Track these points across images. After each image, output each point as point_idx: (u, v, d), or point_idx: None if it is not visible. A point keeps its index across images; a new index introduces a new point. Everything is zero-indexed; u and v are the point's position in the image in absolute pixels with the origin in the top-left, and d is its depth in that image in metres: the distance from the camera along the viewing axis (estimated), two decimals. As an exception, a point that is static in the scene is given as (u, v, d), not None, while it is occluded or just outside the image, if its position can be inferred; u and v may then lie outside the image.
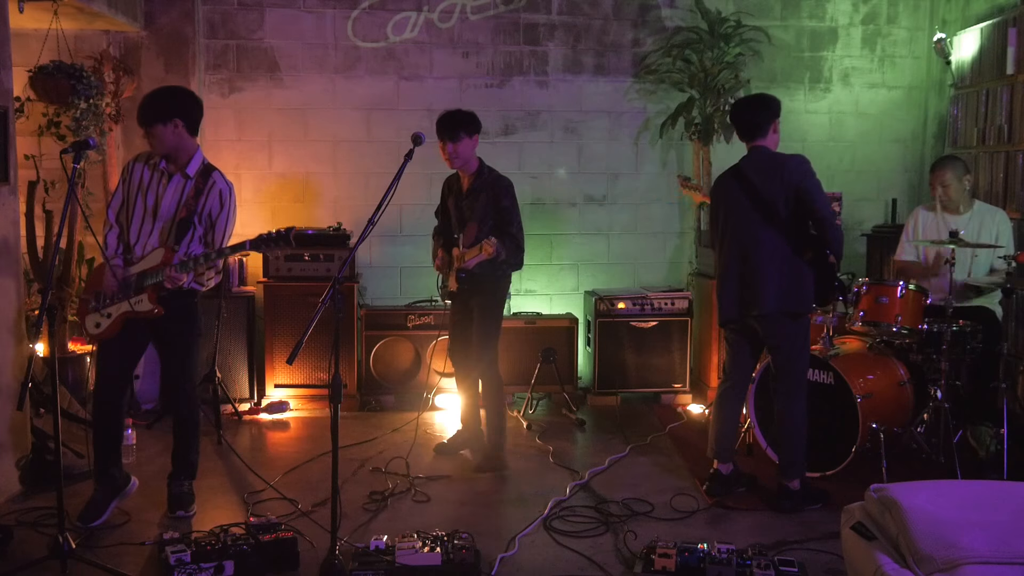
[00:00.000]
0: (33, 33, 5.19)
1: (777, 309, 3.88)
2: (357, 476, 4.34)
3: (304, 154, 5.98)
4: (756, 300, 3.90)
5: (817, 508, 3.94)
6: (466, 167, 4.39)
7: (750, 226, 3.93)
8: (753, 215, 3.92)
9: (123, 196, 3.81)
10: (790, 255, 3.88)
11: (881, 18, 6.27)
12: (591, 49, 6.09)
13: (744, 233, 3.96)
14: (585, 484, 4.27)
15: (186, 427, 3.93)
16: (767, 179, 3.89)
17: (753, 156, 4.00)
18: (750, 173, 3.96)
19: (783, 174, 3.86)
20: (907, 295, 4.42)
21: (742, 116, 4.05)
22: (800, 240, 3.89)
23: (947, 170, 4.72)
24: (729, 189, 4.03)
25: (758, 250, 3.91)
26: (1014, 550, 2.28)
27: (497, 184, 4.38)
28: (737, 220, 3.99)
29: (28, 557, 3.33)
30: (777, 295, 3.87)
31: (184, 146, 3.74)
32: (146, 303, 3.67)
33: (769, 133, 3.98)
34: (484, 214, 4.33)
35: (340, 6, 5.88)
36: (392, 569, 3.16)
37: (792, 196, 3.84)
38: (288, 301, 5.47)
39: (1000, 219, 4.78)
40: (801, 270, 3.89)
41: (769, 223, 3.88)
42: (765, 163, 3.95)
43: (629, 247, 6.29)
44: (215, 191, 3.76)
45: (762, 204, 3.89)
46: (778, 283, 3.87)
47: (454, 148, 4.28)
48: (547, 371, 5.56)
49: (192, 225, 3.73)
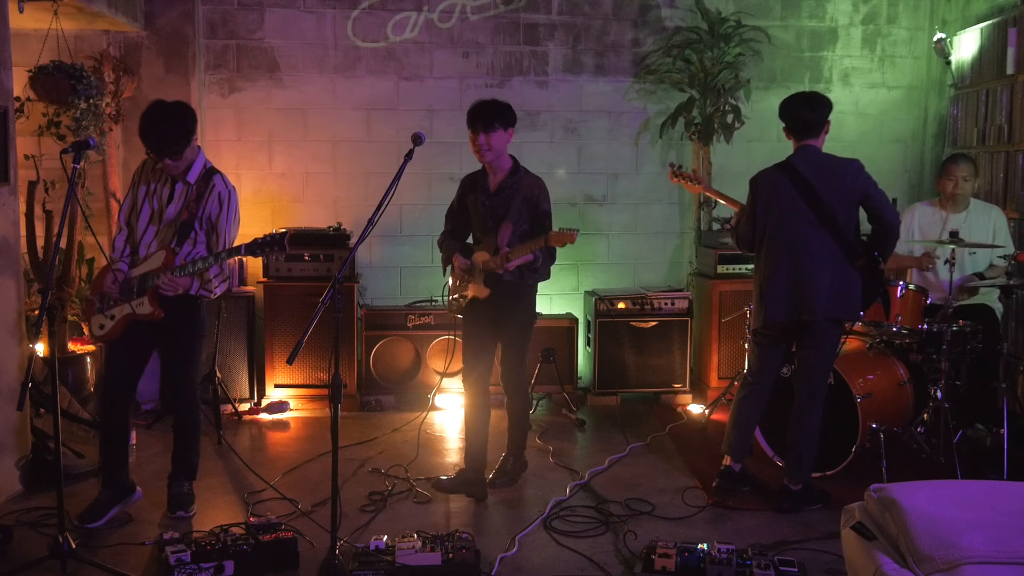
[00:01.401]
0: (33, 33, 5.19)
1: (827, 315, 3.82)
2: (357, 476, 4.34)
3: (304, 154, 5.98)
4: (807, 304, 3.80)
5: (817, 508, 3.93)
6: (498, 162, 4.03)
7: (803, 227, 3.82)
8: (808, 216, 3.81)
9: (132, 200, 3.84)
10: (841, 260, 3.81)
11: (881, 18, 6.28)
12: (591, 49, 6.09)
13: (796, 234, 3.84)
14: (585, 484, 4.27)
15: (186, 428, 3.93)
16: (828, 182, 3.80)
17: (807, 155, 3.89)
18: (807, 173, 3.84)
19: (847, 179, 3.79)
20: (907, 295, 4.42)
21: (801, 113, 3.90)
22: (852, 245, 3.83)
23: (966, 165, 4.70)
24: (780, 187, 3.88)
25: (811, 253, 3.81)
26: (1014, 550, 2.28)
27: (536, 185, 4.05)
28: (789, 220, 3.85)
29: (28, 557, 3.33)
30: (828, 300, 3.80)
31: (191, 155, 3.77)
32: (146, 306, 3.67)
33: (822, 134, 3.92)
34: (520, 215, 4.00)
35: (340, 6, 5.88)
36: (392, 569, 3.16)
37: (855, 202, 3.79)
38: (288, 301, 5.47)
39: (996, 215, 4.79)
40: (852, 276, 3.83)
41: (823, 226, 3.79)
42: (823, 165, 3.86)
43: (629, 247, 6.29)
44: (215, 193, 3.78)
45: (819, 206, 3.79)
46: (829, 288, 3.80)
47: (487, 139, 3.93)
48: (547, 371, 5.56)
49: (193, 227, 3.73)
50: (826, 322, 3.85)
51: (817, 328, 3.86)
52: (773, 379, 4.11)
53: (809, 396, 3.94)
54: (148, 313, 3.68)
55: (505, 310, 4.07)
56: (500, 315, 4.08)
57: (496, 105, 4.00)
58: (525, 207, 4.02)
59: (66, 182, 3.54)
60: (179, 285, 3.65)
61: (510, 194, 4.02)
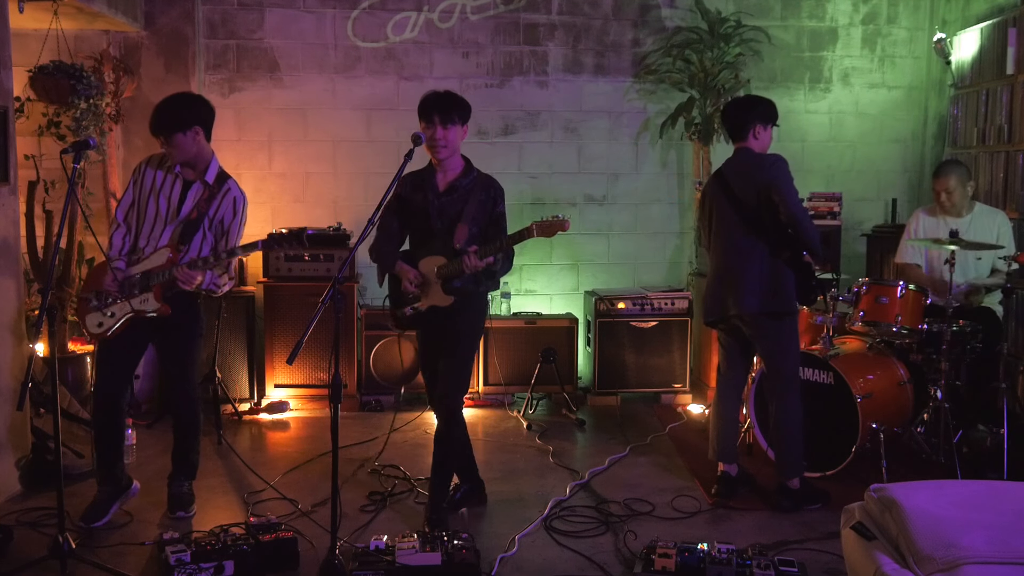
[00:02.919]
0: (33, 33, 5.19)
1: (758, 310, 3.90)
2: (357, 476, 4.34)
3: (304, 154, 5.98)
4: (737, 301, 3.93)
5: (817, 508, 3.93)
6: (451, 160, 3.70)
7: (729, 227, 3.98)
8: (732, 216, 3.96)
9: (133, 197, 3.80)
10: (767, 255, 3.90)
11: (881, 18, 6.27)
12: (591, 49, 6.09)
13: (724, 234, 4.01)
14: (585, 484, 4.27)
15: (186, 427, 3.93)
16: (743, 179, 3.94)
17: (735, 157, 4.05)
18: (729, 174, 4.01)
19: (756, 173, 3.89)
20: (907, 295, 4.42)
21: (727, 116, 4.11)
22: (777, 240, 3.89)
23: (951, 176, 4.71)
24: (713, 191, 4.08)
25: (736, 250, 3.95)
26: (1014, 550, 2.28)
27: (493, 186, 3.77)
28: (719, 221, 4.03)
29: (28, 557, 3.32)
30: (757, 296, 3.89)
31: (203, 153, 3.75)
32: (152, 302, 3.66)
33: (749, 136, 3.98)
34: (475, 217, 3.69)
35: (340, 6, 5.88)
36: (392, 569, 3.16)
37: (764, 195, 3.85)
38: (288, 301, 5.47)
39: (1000, 220, 4.79)
40: (780, 270, 3.90)
41: (746, 223, 3.91)
42: (744, 164, 3.98)
43: (629, 247, 6.29)
44: (229, 197, 3.77)
45: (739, 204, 3.93)
46: (757, 283, 3.89)
47: (444, 134, 3.60)
48: (547, 371, 5.56)
49: (201, 227, 3.72)
50: (762, 317, 3.91)
51: (755, 324, 3.94)
52: (741, 378, 4.21)
53: (778, 394, 3.99)
54: (154, 309, 3.67)
55: (457, 320, 3.70)
56: (450, 325, 3.70)
57: (454, 97, 3.67)
58: (480, 209, 3.70)
59: (66, 182, 3.53)
60: (194, 278, 3.62)
61: (463, 195, 3.70)
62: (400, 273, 3.71)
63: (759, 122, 3.98)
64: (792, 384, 3.99)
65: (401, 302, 3.78)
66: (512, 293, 6.05)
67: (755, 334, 3.99)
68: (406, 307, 3.75)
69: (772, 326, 3.94)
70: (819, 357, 4.34)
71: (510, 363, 5.68)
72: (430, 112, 3.62)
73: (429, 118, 3.63)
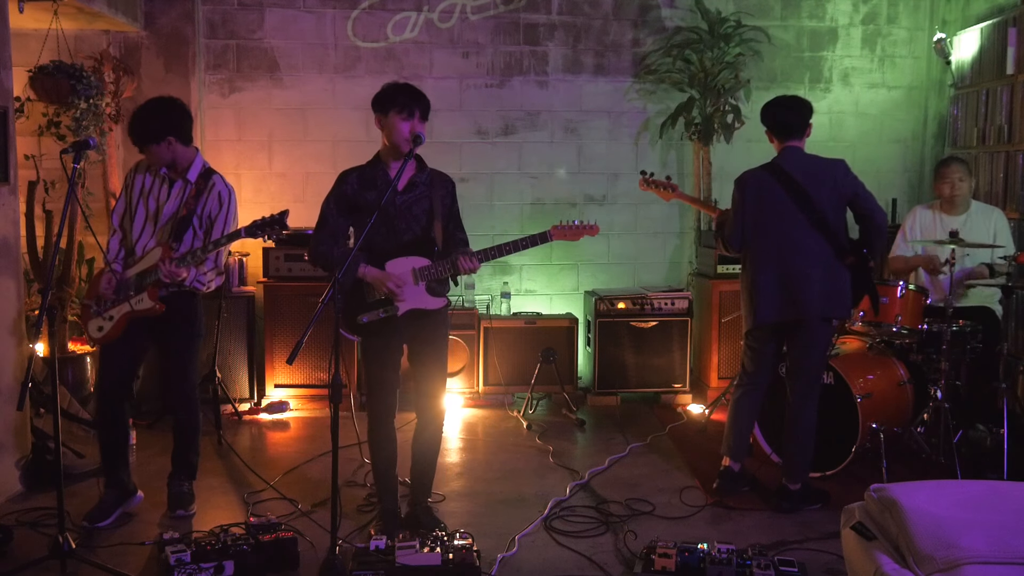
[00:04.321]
0: (33, 33, 5.19)
1: (819, 313, 3.85)
2: (357, 476, 4.34)
3: (304, 154, 5.98)
4: (799, 304, 3.83)
5: (816, 508, 3.93)
6: (410, 156, 3.47)
7: (794, 228, 3.85)
8: (798, 217, 3.84)
9: (126, 203, 3.84)
10: (832, 259, 3.84)
11: (881, 18, 6.27)
12: (591, 49, 6.09)
13: (786, 234, 3.87)
14: (585, 484, 4.27)
15: (186, 427, 3.93)
16: (817, 182, 3.85)
17: (793, 156, 3.94)
18: (795, 174, 3.88)
19: (835, 179, 3.84)
20: (907, 295, 4.42)
21: (784, 116, 3.97)
22: (842, 244, 3.86)
23: (958, 167, 4.72)
24: (768, 188, 3.91)
25: (802, 253, 3.84)
26: (1014, 550, 2.28)
27: (449, 181, 3.63)
28: (777, 219, 3.89)
29: (28, 557, 3.32)
30: (820, 299, 3.83)
31: (180, 157, 3.76)
32: (147, 301, 3.68)
33: (805, 135, 3.98)
34: (443, 213, 3.55)
35: (340, 6, 5.88)
36: (392, 569, 3.16)
37: (844, 202, 3.83)
38: (288, 301, 5.47)
39: (996, 217, 4.79)
40: (842, 274, 3.87)
41: (814, 226, 3.83)
42: (810, 165, 3.91)
43: (629, 247, 6.29)
44: (215, 192, 3.78)
45: (810, 207, 3.83)
46: (821, 287, 3.82)
47: (419, 128, 3.43)
48: (547, 371, 5.56)
49: (191, 224, 3.73)
50: (818, 321, 3.87)
51: (809, 327, 3.88)
52: (768, 379, 4.11)
53: (803, 396, 3.94)
54: (148, 308, 3.68)
55: (439, 322, 3.62)
56: (430, 327, 3.59)
57: (420, 92, 3.50)
58: (442, 205, 3.56)
59: (66, 182, 3.54)
60: (179, 274, 3.63)
61: (425, 190, 3.53)
62: (374, 277, 3.45)
63: (810, 120, 3.99)
64: (816, 388, 3.96)
65: (365, 307, 3.50)
66: (512, 293, 6.05)
67: (801, 338, 3.90)
68: (376, 311, 3.48)
69: (823, 331, 3.90)
70: (819, 357, 4.33)
71: (510, 363, 5.68)
72: (409, 104, 3.43)
73: (408, 110, 3.42)
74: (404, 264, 3.50)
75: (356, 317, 3.51)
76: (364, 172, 3.57)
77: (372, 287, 3.48)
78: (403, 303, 3.49)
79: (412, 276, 3.49)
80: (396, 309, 3.49)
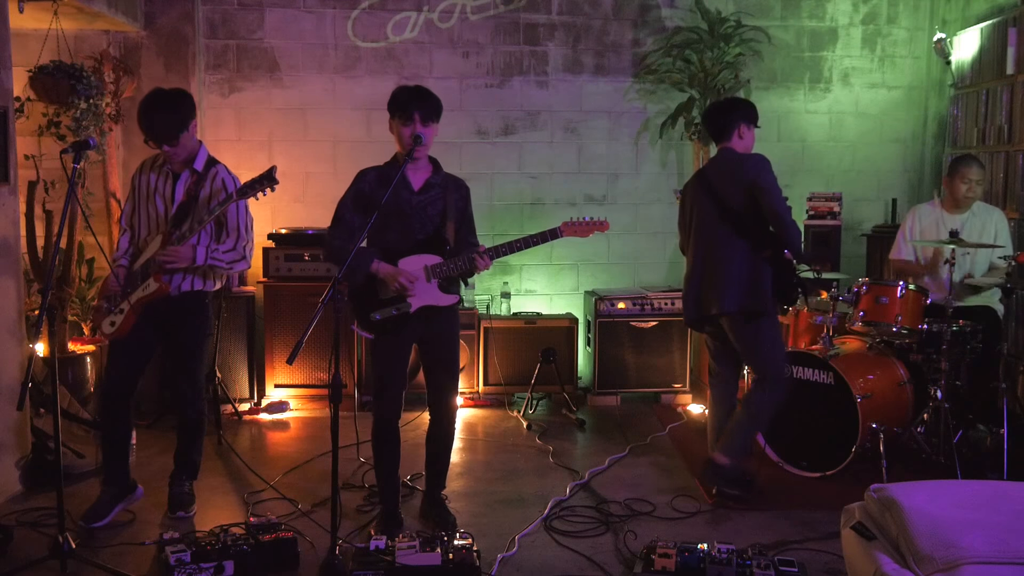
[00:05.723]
0: (33, 33, 5.19)
1: (737, 308, 3.92)
2: (357, 476, 4.34)
3: (304, 154, 5.98)
4: (716, 300, 3.94)
5: (734, 494, 3.97)
6: (422, 159, 3.59)
7: (710, 226, 3.99)
8: (712, 215, 3.98)
9: (133, 204, 3.85)
10: (748, 254, 3.91)
11: (881, 18, 6.27)
12: (591, 49, 6.09)
13: (705, 233, 4.03)
14: (585, 484, 4.27)
15: (190, 427, 3.93)
16: (726, 178, 3.96)
17: (717, 157, 4.08)
18: (711, 174, 4.04)
19: (739, 172, 3.91)
20: (907, 295, 4.42)
21: (710, 119, 4.14)
22: (758, 238, 3.91)
23: (976, 167, 4.68)
24: (695, 193, 4.10)
25: (717, 249, 3.96)
26: (1014, 550, 2.28)
27: (464, 186, 3.71)
28: (699, 221, 4.05)
29: (28, 557, 3.33)
30: (736, 294, 3.90)
31: (194, 145, 3.78)
32: (152, 284, 3.68)
33: (734, 137, 4.02)
34: (456, 215, 3.63)
35: (340, 6, 5.88)
36: (392, 569, 3.16)
37: (747, 193, 3.87)
38: (288, 301, 5.47)
39: (998, 218, 4.79)
40: (759, 269, 3.91)
41: (726, 222, 3.93)
42: (727, 163, 4.01)
43: (629, 247, 6.29)
44: (218, 178, 3.76)
45: (721, 203, 3.95)
46: (736, 282, 3.90)
47: (424, 131, 3.48)
48: (547, 371, 5.56)
49: (191, 211, 3.72)
50: (739, 315, 3.93)
51: (732, 323, 3.98)
52: (734, 372, 4.29)
53: (759, 384, 4.01)
54: (155, 291, 3.68)
55: (452, 319, 3.70)
56: (446, 324, 3.67)
57: (432, 94, 3.55)
58: (456, 208, 3.63)
59: (66, 182, 3.54)
60: (179, 256, 3.62)
61: (439, 192, 3.60)
62: (387, 273, 3.48)
63: (743, 122, 4.02)
64: (774, 381, 3.98)
65: (377, 303, 3.53)
66: (512, 293, 6.05)
67: (732, 333, 4.01)
68: (389, 308, 3.51)
69: (749, 327, 3.95)
70: (819, 357, 4.34)
71: (510, 363, 5.68)
72: (411, 106, 3.48)
73: (408, 112, 3.47)
74: (417, 261, 3.55)
75: (370, 315, 3.54)
76: (382, 171, 3.62)
77: (385, 284, 3.51)
78: (415, 299, 3.53)
79: (424, 273, 3.54)
80: (409, 306, 3.53)
